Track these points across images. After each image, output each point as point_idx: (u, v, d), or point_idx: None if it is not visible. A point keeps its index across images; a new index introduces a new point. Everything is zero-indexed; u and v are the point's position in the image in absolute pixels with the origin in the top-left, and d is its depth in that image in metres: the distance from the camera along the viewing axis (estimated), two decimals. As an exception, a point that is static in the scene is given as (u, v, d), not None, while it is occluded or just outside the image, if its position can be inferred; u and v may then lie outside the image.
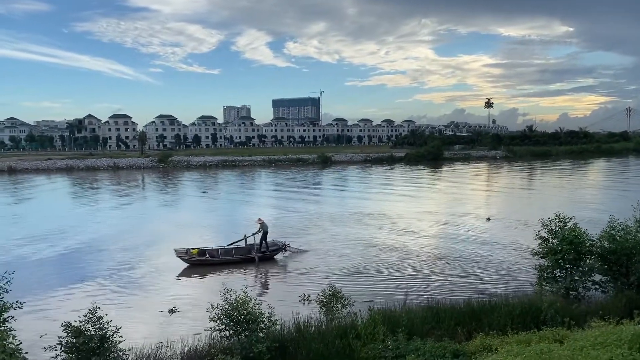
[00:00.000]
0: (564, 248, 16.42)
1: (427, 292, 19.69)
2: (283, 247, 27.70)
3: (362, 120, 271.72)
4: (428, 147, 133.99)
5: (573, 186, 64.25)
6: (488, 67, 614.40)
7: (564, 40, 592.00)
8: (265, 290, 22.54)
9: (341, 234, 33.15)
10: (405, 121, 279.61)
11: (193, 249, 26.29)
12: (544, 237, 17.56)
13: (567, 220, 17.42)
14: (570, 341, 9.35)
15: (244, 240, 27.12)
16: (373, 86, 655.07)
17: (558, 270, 17.17)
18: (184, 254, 25.92)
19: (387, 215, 41.15)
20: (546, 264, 17.41)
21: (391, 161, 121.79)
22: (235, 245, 27.29)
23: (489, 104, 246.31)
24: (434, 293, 19.41)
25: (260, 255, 26.76)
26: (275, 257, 27.51)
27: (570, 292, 16.72)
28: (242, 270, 25.65)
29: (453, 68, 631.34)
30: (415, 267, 24.78)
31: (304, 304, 19.28)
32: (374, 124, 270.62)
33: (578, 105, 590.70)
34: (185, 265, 25.96)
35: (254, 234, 27.35)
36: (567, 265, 16.90)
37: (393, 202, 50.75)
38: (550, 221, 17.55)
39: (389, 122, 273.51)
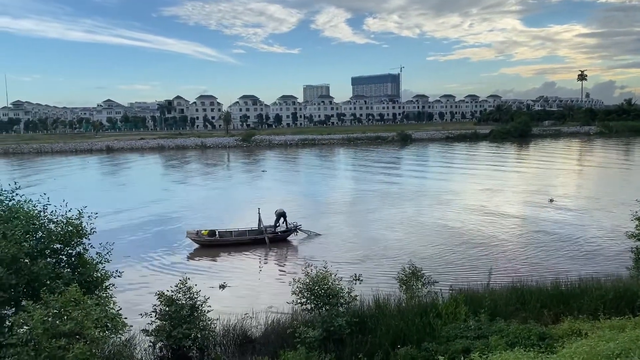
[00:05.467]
0: (665, 230, 15.30)
1: (512, 273, 19.05)
2: (295, 229, 27.62)
3: (444, 96, 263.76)
4: (515, 123, 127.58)
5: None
6: (582, 37, 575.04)
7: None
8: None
9: (417, 213, 32.81)
10: (491, 96, 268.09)
11: (204, 230, 26.74)
12: (643, 218, 16.45)
13: (670, 200, 16.19)
14: (669, 329, 8.76)
15: (259, 221, 27.03)
16: (456, 60, 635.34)
17: (658, 253, 16.08)
18: (195, 235, 26.38)
19: (467, 194, 40.16)
20: (644, 247, 16.34)
21: (475, 138, 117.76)
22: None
23: (582, 77, 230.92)
24: (519, 274, 18.71)
25: (271, 236, 26.78)
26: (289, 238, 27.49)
27: (672, 278, 15.59)
28: (264, 250, 25.85)
29: (542, 39, 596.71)
30: (498, 248, 24.07)
31: (355, 283, 18.93)
32: (456, 99, 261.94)
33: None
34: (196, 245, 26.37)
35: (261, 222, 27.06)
36: (669, 249, 15.77)
37: (474, 181, 49.11)
38: (650, 201, 16.41)
39: (473, 98, 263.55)
